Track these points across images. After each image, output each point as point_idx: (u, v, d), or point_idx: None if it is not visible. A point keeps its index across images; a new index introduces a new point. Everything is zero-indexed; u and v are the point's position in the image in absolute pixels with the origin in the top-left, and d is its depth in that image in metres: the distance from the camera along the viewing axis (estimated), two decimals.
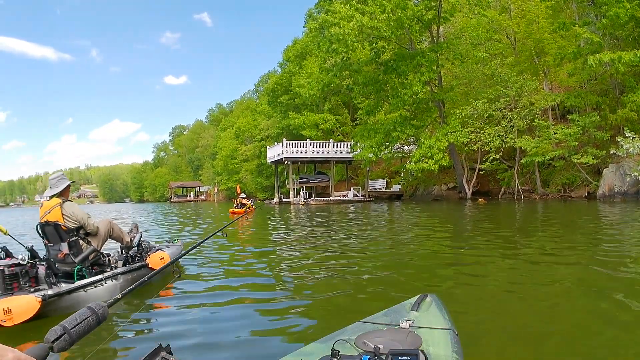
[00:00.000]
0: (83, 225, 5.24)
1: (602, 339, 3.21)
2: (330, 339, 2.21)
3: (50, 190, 5.23)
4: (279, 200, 43.51)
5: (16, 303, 4.07)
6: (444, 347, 2.09)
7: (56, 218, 5.04)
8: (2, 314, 3.93)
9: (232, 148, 70.96)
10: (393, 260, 6.96)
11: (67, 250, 4.99)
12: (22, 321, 4.01)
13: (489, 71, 26.85)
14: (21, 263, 4.59)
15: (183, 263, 7.19)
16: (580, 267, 5.78)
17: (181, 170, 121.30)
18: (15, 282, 4.47)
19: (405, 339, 2.08)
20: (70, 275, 4.93)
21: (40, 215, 5.19)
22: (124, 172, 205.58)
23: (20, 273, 4.53)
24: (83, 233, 5.27)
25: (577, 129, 22.57)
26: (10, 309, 3.98)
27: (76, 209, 5.26)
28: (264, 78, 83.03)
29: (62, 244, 5.03)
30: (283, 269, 6.62)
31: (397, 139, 29.15)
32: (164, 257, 5.96)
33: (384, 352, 1.86)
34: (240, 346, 3.43)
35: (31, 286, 4.59)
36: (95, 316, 1.42)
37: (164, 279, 6.00)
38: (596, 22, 22.82)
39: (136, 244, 5.93)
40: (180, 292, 5.34)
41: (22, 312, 4.04)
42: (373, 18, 24.97)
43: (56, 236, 5.06)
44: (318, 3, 44.70)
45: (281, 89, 52.40)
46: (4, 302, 4.04)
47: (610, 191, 21.86)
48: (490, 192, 30.22)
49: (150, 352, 1.65)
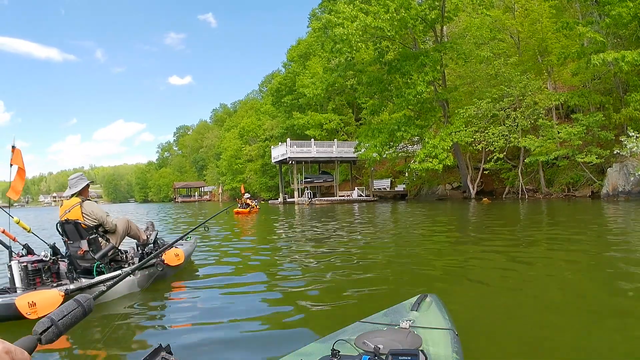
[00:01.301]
0: (102, 223, 5.44)
1: (603, 339, 3.20)
2: (330, 339, 2.22)
3: (69, 190, 5.45)
4: (284, 200, 43.66)
5: (40, 297, 4.24)
6: (444, 347, 2.10)
7: (76, 216, 5.25)
8: (27, 307, 4.09)
9: (236, 148, 70.95)
10: (394, 260, 6.99)
11: (86, 247, 5.18)
12: (45, 314, 4.11)
13: (493, 71, 26.88)
14: (44, 259, 4.83)
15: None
16: (583, 267, 5.77)
17: (185, 170, 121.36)
18: (38, 277, 4.71)
19: (405, 339, 2.09)
20: (90, 271, 5.14)
21: (60, 214, 5.38)
22: (128, 172, 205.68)
23: (42, 269, 4.77)
24: (102, 231, 5.47)
25: (581, 128, 22.60)
26: (34, 302, 4.14)
27: (95, 207, 5.46)
28: (268, 78, 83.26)
29: (81, 242, 5.22)
30: (283, 269, 6.66)
31: (401, 138, 29.14)
32: (178, 254, 6.09)
33: (384, 352, 1.87)
34: (240, 346, 3.43)
35: (53, 281, 4.83)
36: (81, 308, 1.43)
37: (177, 275, 6.15)
38: (599, 22, 22.85)
39: (152, 241, 6.17)
40: (180, 292, 5.41)
41: (46, 306, 4.19)
42: (377, 18, 25.00)
43: (76, 234, 5.25)
44: (322, 3, 44.73)
45: (285, 89, 52.36)
46: (28, 296, 4.22)
47: (614, 190, 21.90)
48: (494, 192, 30.28)
49: (150, 352, 1.66)
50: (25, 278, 4.63)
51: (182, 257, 6.07)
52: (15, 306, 4.08)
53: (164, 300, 5.02)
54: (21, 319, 4.12)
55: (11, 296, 4.27)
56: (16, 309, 4.07)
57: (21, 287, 4.57)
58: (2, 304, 4.12)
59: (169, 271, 6.04)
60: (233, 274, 6.37)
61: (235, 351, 3.32)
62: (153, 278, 5.51)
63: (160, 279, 5.82)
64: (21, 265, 4.65)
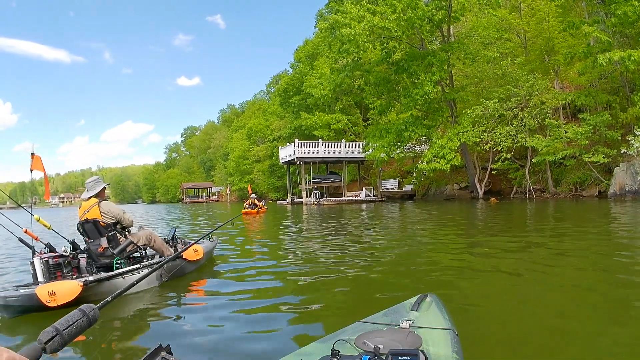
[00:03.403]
0: (119, 220, 5.79)
1: (605, 339, 3.18)
2: (330, 339, 2.21)
3: (87, 193, 5.77)
4: (292, 201, 43.80)
5: (60, 287, 4.55)
6: (444, 347, 2.09)
7: (95, 215, 5.58)
8: (47, 296, 4.39)
9: (244, 149, 71.16)
10: (396, 260, 6.97)
11: (106, 244, 5.52)
12: (64, 302, 4.46)
13: (500, 71, 26.90)
14: (64, 255, 5.15)
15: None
16: (588, 268, 5.73)
17: (193, 171, 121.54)
18: (59, 271, 5.00)
19: (405, 339, 2.08)
20: (110, 267, 5.42)
21: (79, 214, 5.71)
22: (135, 173, 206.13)
23: (63, 263, 5.08)
24: (120, 227, 5.82)
25: (588, 127, 22.63)
26: (54, 291, 4.45)
27: (112, 206, 5.82)
28: (275, 79, 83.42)
29: (101, 239, 5.54)
30: (284, 269, 6.70)
31: (408, 138, 29.23)
32: (197, 249, 6.35)
33: (384, 352, 1.87)
34: (240, 346, 3.43)
35: (73, 275, 5.12)
36: (86, 318, 1.46)
37: (199, 272, 6.31)
38: (605, 21, 22.84)
39: (170, 238, 6.44)
40: (179, 292, 5.45)
41: (65, 295, 4.50)
42: (384, 18, 25.11)
43: (95, 232, 5.57)
44: (328, 3, 44.75)
45: (293, 90, 52.59)
46: (49, 285, 4.53)
47: (621, 190, 21.93)
48: (502, 192, 30.34)
49: (150, 352, 1.64)
50: (46, 272, 4.91)
51: (201, 253, 6.37)
52: (36, 295, 4.37)
53: (164, 301, 5.07)
54: (43, 310, 4.39)
55: (33, 287, 4.56)
56: (37, 298, 4.36)
57: (43, 281, 4.84)
58: (25, 294, 4.39)
59: (188, 267, 6.28)
60: (231, 275, 6.40)
61: (235, 351, 3.34)
62: (168, 274, 5.73)
63: (180, 275, 6.06)
64: (42, 260, 4.93)
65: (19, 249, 9.41)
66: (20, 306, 4.39)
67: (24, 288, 4.62)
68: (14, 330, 4.21)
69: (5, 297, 4.36)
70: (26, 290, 4.49)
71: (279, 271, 6.52)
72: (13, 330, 4.23)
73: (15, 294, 4.41)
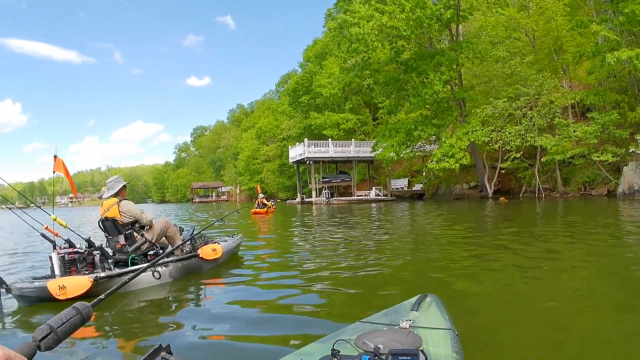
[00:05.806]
0: (137, 219, 6.08)
1: (606, 339, 3.19)
2: (330, 339, 2.22)
3: (108, 192, 6.18)
4: (302, 200, 43.98)
5: (70, 281, 4.89)
6: (444, 347, 2.11)
7: (114, 214, 5.94)
8: (57, 290, 4.74)
9: (253, 148, 71.55)
10: (398, 260, 6.90)
11: (123, 242, 5.84)
12: (73, 296, 4.77)
13: (509, 70, 26.93)
14: (79, 251, 5.44)
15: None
16: (592, 268, 5.70)
17: (203, 170, 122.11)
18: (74, 266, 5.30)
19: (405, 339, 2.09)
20: (126, 264, 5.70)
21: (100, 212, 6.11)
22: (145, 173, 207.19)
23: (78, 259, 5.36)
24: (138, 226, 6.11)
25: (597, 126, 22.61)
26: (64, 285, 4.79)
27: (131, 206, 6.12)
28: (284, 78, 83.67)
29: (119, 237, 5.88)
30: (285, 269, 6.72)
31: (418, 138, 29.27)
32: (216, 249, 6.55)
33: (384, 352, 1.88)
34: (239, 346, 3.42)
35: (87, 270, 5.40)
36: (80, 315, 1.48)
37: (216, 271, 6.50)
38: (613, 19, 22.81)
39: (189, 236, 6.57)
40: (179, 292, 5.51)
41: (74, 289, 4.82)
42: (392, 17, 25.19)
43: (114, 230, 5.93)
44: (337, 3, 44.90)
45: (302, 89, 52.74)
46: (60, 280, 4.88)
47: (630, 189, 21.93)
48: (511, 191, 30.38)
49: (150, 352, 1.65)
50: (62, 267, 5.23)
51: (220, 252, 6.56)
52: (47, 289, 4.73)
53: (164, 301, 5.13)
54: (54, 301, 4.73)
55: (46, 281, 4.90)
56: (48, 291, 4.72)
57: (59, 275, 5.16)
58: (37, 287, 4.77)
59: (205, 265, 6.50)
60: (231, 275, 6.41)
61: (234, 350, 3.34)
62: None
63: (196, 272, 6.30)
64: (59, 255, 5.26)
65: (40, 244, 10.10)
66: (34, 297, 4.76)
67: (39, 280, 4.95)
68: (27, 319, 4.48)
69: (20, 288, 4.74)
70: (40, 283, 4.84)
71: (279, 271, 6.58)
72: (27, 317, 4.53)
73: (29, 286, 4.79)
